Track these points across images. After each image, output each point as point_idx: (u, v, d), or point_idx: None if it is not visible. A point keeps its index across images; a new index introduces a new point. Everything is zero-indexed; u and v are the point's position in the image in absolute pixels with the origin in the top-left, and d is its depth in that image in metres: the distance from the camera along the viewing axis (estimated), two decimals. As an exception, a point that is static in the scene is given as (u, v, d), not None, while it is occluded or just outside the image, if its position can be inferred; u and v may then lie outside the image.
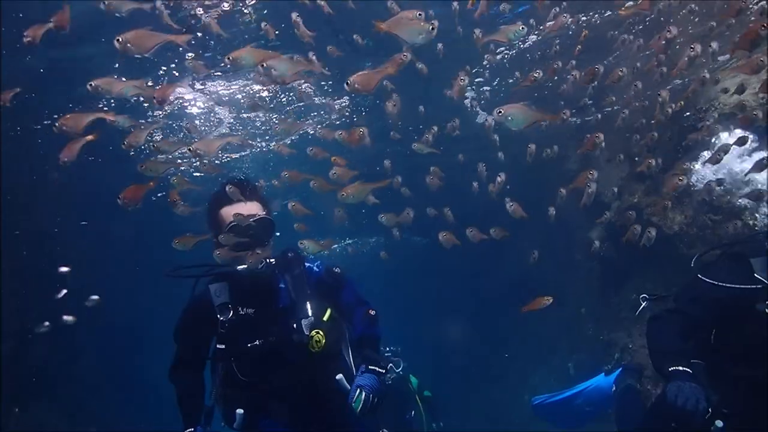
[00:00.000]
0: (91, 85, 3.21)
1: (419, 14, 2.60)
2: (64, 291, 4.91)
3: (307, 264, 2.86)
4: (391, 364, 5.75)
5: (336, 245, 11.67)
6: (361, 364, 2.66)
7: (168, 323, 2.86)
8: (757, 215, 4.16)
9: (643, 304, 3.11)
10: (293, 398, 2.74)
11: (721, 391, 2.52)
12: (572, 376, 7.47)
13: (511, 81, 6.13)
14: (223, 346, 2.67)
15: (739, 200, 4.34)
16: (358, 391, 2.49)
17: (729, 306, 2.45)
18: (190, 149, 3.12)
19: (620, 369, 3.71)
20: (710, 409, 2.35)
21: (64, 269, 4.85)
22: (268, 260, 2.66)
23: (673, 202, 4.65)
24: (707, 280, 2.52)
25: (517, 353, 8.97)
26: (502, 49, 6.14)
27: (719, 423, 2.49)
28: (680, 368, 2.36)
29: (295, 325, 2.68)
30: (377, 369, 2.64)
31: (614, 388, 3.62)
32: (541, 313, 4.06)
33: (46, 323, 5.13)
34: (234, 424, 2.67)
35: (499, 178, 3.30)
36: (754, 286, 2.41)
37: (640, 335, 5.49)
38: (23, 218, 7.00)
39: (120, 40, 2.95)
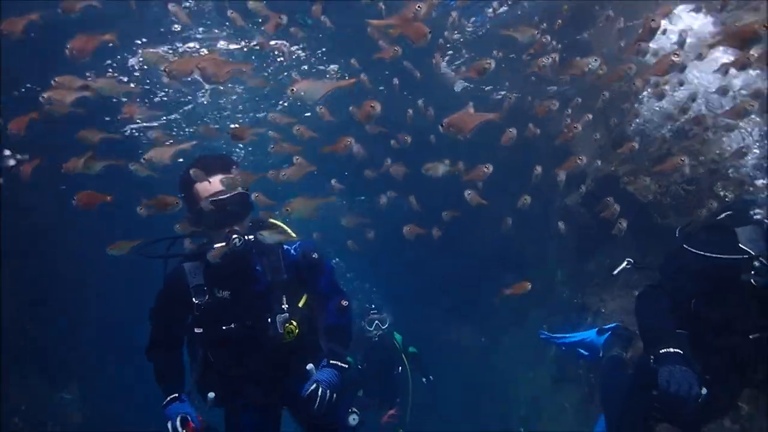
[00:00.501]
0: (43, 96, 3.07)
1: (418, 7, 2.60)
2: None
3: (285, 246, 2.80)
4: (377, 321, 5.97)
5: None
6: (324, 358, 2.73)
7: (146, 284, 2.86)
8: (727, 193, 4.30)
9: (623, 264, 3.14)
10: (265, 383, 2.76)
11: (703, 360, 2.54)
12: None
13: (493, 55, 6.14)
14: (200, 330, 2.65)
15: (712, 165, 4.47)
16: (315, 385, 2.54)
17: (713, 276, 2.45)
18: (144, 158, 3.05)
19: (610, 332, 3.67)
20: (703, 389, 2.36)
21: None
22: (246, 237, 2.60)
23: (651, 174, 4.79)
24: (693, 250, 2.51)
25: (491, 316, 9.20)
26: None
27: (703, 390, 2.49)
28: (671, 350, 2.34)
29: (269, 320, 2.67)
30: (339, 364, 2.69)
31: (602, 354, 3.61)
32: (518, 277, 4.18)
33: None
34: (206, 407, 2.70)
35: (486, 169, 3.33)
36: (740, 257, 2.41)
37: (612, 299, 5.70)
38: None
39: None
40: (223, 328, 2.63)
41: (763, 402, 3.40)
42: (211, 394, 2.71)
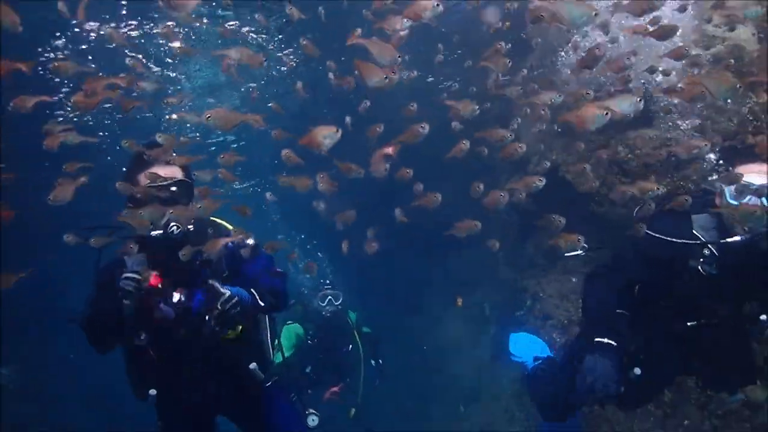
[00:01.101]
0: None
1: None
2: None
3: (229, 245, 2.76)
4: (330, 297, 5.87)
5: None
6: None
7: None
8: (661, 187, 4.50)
9: (577, 251, 3.09)
10: (205, 381, 2.73)
11: (641, 341, 2.63)
12: (488, 316, 7.93)
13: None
14: (136, 323, 2.58)
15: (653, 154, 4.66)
16: (229, 294, 2.56)
17: (664, 260, 2.49)
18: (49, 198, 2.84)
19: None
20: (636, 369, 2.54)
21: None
22: (186, 227, 2.59)
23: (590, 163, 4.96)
24: (650, 232, 2.55)
25: (434, 292, 9.37)
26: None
27: (637, 370, 2.63)
28: (605, 341, 2.44)
29: (207, 317, 2.62)
30: (257, 296, 2.72)
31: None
32: (460, 255, 4.22)
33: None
34: (147, 402, 2.65)
35: (421, 128, 3.26)
36: (693, 242, 2.47)
37: (548, 283, 5.93)
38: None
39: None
40: (167, 326, 2.60)
41: (689, 388, 3.61)
42: (153, 391, 2.66)
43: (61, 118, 7.04)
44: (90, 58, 6.32)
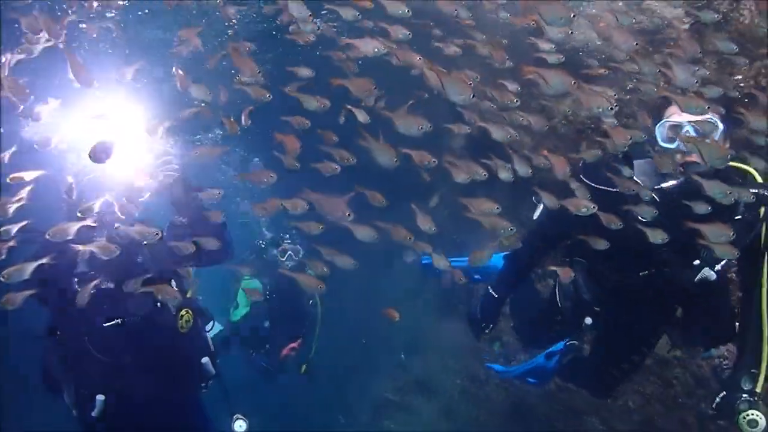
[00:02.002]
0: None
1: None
2: None
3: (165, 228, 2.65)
4: (290, 251, 5.76)
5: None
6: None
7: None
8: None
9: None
10: (153, 382, 2.61)
11: (592, 290, 2.65)
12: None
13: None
14: (76, 322, 2.47)
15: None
16: None
17: (607, 209, 2.44)
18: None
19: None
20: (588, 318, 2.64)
21: None
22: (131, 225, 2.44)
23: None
24: (587, 182, 2.53)
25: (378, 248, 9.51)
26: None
27: (588, 320, 2.73)
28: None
29: (159, 304, 2.54)
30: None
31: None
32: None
33: None
34: (93, 412, 2.48)
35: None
36: (629, 191, 2.43)
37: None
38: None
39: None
40: (106, 323, 2.49)
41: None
42: (101, 397, 2.50)
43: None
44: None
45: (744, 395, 2.36)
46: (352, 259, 2.57)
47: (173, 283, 2.62)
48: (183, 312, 2.61)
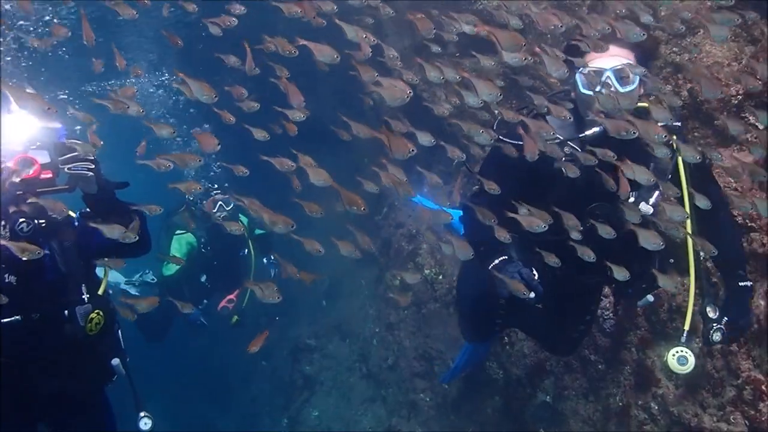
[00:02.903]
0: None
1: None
2: None
3: (75, 222, 2.51)
4: (221, 202, 5.57)
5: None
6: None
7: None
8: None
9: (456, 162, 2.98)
10: (56, 383, 2.47)
11: (532, 263, 2.48)
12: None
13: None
14: None
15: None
16: None
17: (532, 168, 2.37)
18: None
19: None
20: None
21: None
22: (36, 221, 2.32)
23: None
24: (508, 141, 2.43)
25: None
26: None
27: (531, 294, 2.50)
28: (499, 260, 2.40)
29: (67, 312, 2.41)
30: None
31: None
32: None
33: None
34: None
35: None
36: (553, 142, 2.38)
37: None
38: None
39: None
40: (3, 320, 2.30)
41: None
42: None
43: None
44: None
45: (714, 324, 2.40)
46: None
47: (83, 287, 2.48)
48: (93, 315, 2.47)
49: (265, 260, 6.03)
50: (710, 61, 3.56)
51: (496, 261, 2.42)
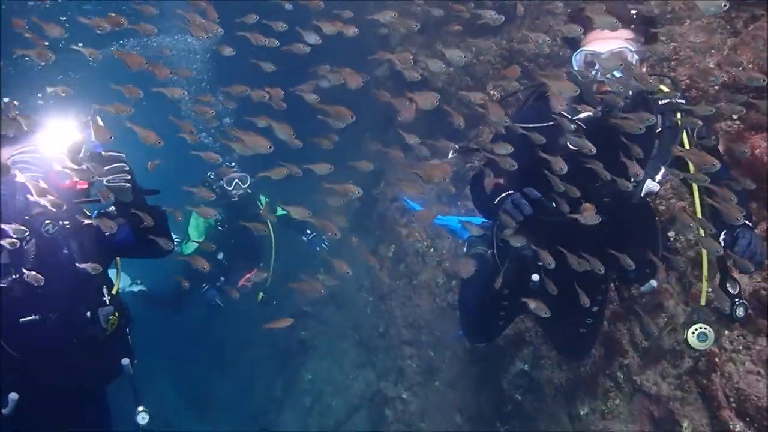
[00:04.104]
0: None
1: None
2: None
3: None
4: (237, 180, 5.57)
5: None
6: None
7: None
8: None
9: (450, 153, 2.91)
10: (70, 382, 2.51)
11: (535, 243, 2.46)
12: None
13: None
14: None
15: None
16: None
17: (536, 146, 2.34)
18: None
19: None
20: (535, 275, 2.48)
21: None
22: (62, 222, 2.37)
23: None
24: (513, 124, 2.39)
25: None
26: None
27: (535, 277, 2.61)
28: (504, 194, 2.32)
29: (89, 314, 2.44)
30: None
31: (465, 250, 3.40)
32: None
33: None
34: (4, 410, 2.33)
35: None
36: (553, 123, 2.38)
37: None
38: None
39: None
40: (21, 319, 2.32)
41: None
42: (14, 395, 2.33)
43: None
44: None
45: (736, 299, 2.32)
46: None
47: (104, 289, 2.52)
48: (110, 317, 2.52)
49: (304, 238, 6.05)
50: (693, 51, 3.70)
51: (497, 200, 2.35)
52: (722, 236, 2.28)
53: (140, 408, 2.77)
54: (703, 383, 3.05)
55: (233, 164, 5.78)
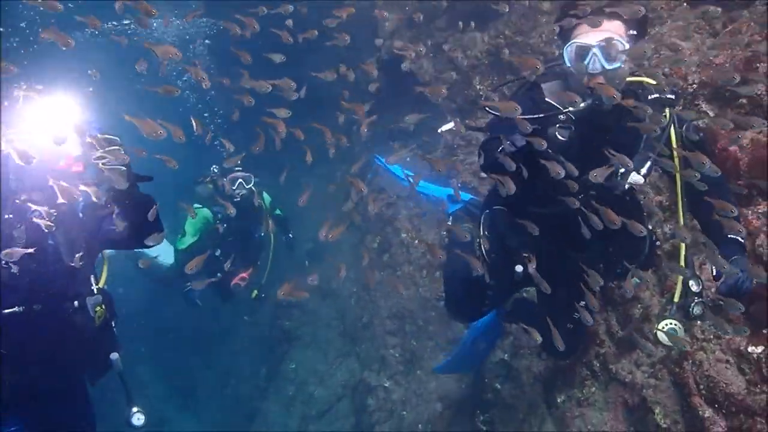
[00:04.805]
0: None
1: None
2: None
3: (79, 213, 2.47)
4: (241, 179, 5.48)
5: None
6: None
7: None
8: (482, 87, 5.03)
9: (450, 125, 2.89)
10: (55, 376, 2.43)
11: (521, 235, 2.47)
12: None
13: None
14: None
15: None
16: None
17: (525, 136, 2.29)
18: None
19: (463, 204, 3.42)
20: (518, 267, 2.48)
21: None
22: (48, 210, 2.29)
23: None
24: (502, 115, 2.37)
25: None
26: None
27: (519, 268, 2.60)
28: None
29: (77, 303, 2.40)
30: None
31: (449, 223, 3.45)
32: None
33: None
34: None
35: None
36: (546, 114, 2.38)
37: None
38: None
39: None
40: (6, 311, 2.26)
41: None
42: None
43: None
44: None
45: (695, 298, 2.39)
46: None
47: (92, 279, 2.48)
48: (98, 308, 2.47)
49: (284, 238, 6.07)
50: (673, 50, 3.81)
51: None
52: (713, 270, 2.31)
53: (135, 408, 2.67)
54: (675, 371, 3.16)
55: (238, 163, 5.63)
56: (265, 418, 7.03)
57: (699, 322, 3.04)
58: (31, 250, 2.17)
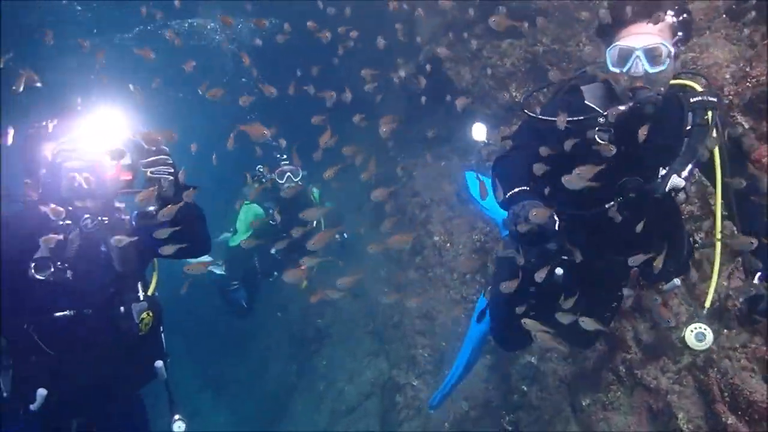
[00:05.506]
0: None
1: None
2: None
3: (132, 222, 2.51)
4: (289, 173, 5.44)
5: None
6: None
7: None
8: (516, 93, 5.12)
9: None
10: (101, 381, 2.42)
11: (560, 238, 2.42)
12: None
13: None
14: (25, 308, 2.25)
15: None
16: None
17: (563, 139, 2.34)
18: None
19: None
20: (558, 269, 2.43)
21: None
22: (100, 218, 2.38)
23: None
24: (540, 117, 2.43)
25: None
26: None
27: (559, 270, 2.56)
28: (518, 189, 2.22)
29: (123, 309, 2.42)
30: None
31: (502, 247, 3.32)
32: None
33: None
34: (32, 406, 2.23)
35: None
36: (585, 117, 2.38)
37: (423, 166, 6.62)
38: None
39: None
40: (56, 314, 2.29)
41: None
42: (42, 391, 2.24)
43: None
44: None
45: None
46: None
47: (139, 285, 2.52)
48: (144, 315, 2.48)
49: (337, 236, 5.90)
50: (710, 61, 3.83)
51: (510, 193, 2.23)
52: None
53: (176, 416, 2.67)
54: (700, 378, 3.19)
55: (284, 156, 5.72)
56: (295, 413, 7.20)
57: (726, 330, 3.11)
58: (60, 237, 2.24)
